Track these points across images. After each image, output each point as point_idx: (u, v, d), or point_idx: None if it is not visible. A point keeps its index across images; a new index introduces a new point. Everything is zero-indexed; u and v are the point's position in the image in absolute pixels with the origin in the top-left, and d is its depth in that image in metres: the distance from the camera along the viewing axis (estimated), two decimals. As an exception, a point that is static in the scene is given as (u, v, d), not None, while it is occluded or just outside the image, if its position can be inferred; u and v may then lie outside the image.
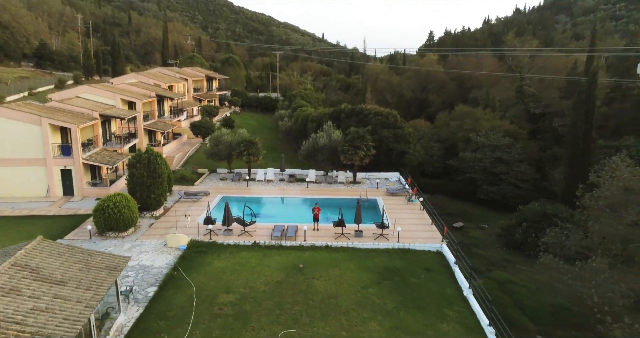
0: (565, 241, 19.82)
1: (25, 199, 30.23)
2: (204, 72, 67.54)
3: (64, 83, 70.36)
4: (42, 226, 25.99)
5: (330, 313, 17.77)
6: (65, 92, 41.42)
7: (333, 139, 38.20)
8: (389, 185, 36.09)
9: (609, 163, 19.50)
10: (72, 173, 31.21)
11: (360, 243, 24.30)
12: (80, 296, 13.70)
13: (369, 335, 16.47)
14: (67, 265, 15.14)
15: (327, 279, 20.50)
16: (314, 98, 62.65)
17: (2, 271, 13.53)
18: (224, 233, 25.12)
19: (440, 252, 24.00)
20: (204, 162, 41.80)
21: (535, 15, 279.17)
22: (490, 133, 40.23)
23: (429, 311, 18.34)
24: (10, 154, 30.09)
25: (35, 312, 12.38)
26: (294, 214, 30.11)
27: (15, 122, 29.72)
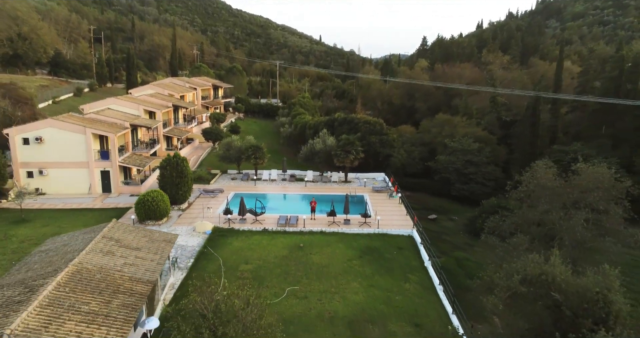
0: (502, 225, 26.20)
1: (71, 196, 36.48)
2: (210, 82, 73.88)
3: (81, 91, 76.56)
4: (93, 216, 32.28)
5: (324, 277, 24.10)
6: (95, 104, 47.53)
7: (328, 144, 44.59)
8: (375, 184, 42.50)
9: (534, 166, 25.91)
10: (109, 173, 37.49)
11: (348, 229, 30.67)
12: (152, 257, 20.02)
13: (351, 291, 22.82)
14: (138, 238, 21.46)
15: (321, 254, 26.85)
16: (311, 106, 69.09)
17: (98, 241, 19.84)
18: (239, 221, 31.46)
19: (411, 236, 30.38)
20: (216, 164, 48.10)
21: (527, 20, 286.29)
22: (462, 139, 46.60)
23: (397, 275, 24.72)
24: (61, 158, 36.33)
25: (127, 265, 18.70)
26: (295, 207, 36.41)
27: (64, 132, 36.00)
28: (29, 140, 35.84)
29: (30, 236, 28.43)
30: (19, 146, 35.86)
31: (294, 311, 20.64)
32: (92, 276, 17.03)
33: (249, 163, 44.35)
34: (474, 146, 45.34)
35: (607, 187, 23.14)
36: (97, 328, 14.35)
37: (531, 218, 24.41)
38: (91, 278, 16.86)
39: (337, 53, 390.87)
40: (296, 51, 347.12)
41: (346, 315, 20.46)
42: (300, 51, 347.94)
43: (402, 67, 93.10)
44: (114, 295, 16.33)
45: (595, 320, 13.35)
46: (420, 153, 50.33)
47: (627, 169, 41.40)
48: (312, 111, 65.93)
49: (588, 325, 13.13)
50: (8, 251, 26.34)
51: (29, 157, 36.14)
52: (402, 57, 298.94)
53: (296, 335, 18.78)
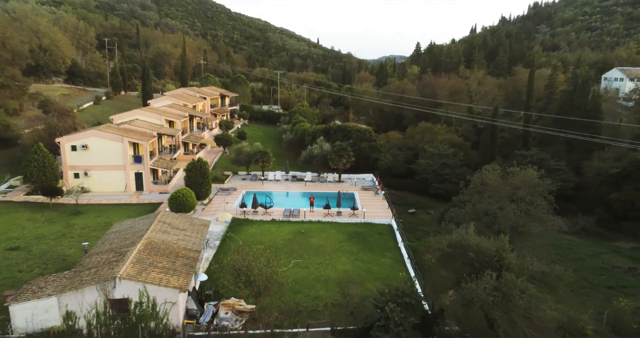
0: (459, 215, 33.73)
1: (111, 194, 43.88)
2: (218, 91, 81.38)
3: (100, 99, 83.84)
4: (132, 210, 39.74)
5: (320, 254, 31.63)
6: (123, 115, 54.90)
7: (324, 149, 52.18)
8: (364, 183, 50.09)
9: (483, 169, 33.47)
10: (142, 175, 44.94)
11: (340, 219, 38.24)
12: (195, 235, 27.57)
13: (340, 263, 30.33)
14: (183, 222, 29.00)
15: (318, 238, 34.39)
16: (310, 113, 76.68)
17: (156, 224, 27.32)
18: (252, 213, 38.99)
19: (390, 224, 37.96)
20: (227, 166, 55.56)
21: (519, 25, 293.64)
22: (440, 144, 54.09)
23: (376, 253, 32.29)
24: (102, 162, 43.75)
25: (179, 240, 26.23)
26: (296, 202, 43.92)
27: (105, 140, 43.44)
28: (76, 147, 43.25)
29: (88, 225, 35.91)
30: (68, 152, 43.27)
31: (298, 275, 28.13)
32: (159, 246, 24.58)
33: (256, 166, 51.83)
34: (449, 151, 52.84)
35: (532, 185, 30.76)
36: (171, 276, 21.93)
37: (480, 209, 31.99)
38: (158, 248, 24.41)
39: (335, 56, 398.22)
40: (294, 54, 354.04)
41: (336, 278, 27.97)
42: (299, 54, 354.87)
43: (392, 78, 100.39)
44: (176, 258, 23.90)
45: (493, 269, 20.90)
46: (405, 156, 57.91)
47: (577, 170, 49.17)
48: (310, 119, 73.50)
49: (489, 272, 20.67)
50: (75, 235, 33.82)
51: (76, 161, 43.56)
52: (400, 59, 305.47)
53: (301, 290, 26.33)
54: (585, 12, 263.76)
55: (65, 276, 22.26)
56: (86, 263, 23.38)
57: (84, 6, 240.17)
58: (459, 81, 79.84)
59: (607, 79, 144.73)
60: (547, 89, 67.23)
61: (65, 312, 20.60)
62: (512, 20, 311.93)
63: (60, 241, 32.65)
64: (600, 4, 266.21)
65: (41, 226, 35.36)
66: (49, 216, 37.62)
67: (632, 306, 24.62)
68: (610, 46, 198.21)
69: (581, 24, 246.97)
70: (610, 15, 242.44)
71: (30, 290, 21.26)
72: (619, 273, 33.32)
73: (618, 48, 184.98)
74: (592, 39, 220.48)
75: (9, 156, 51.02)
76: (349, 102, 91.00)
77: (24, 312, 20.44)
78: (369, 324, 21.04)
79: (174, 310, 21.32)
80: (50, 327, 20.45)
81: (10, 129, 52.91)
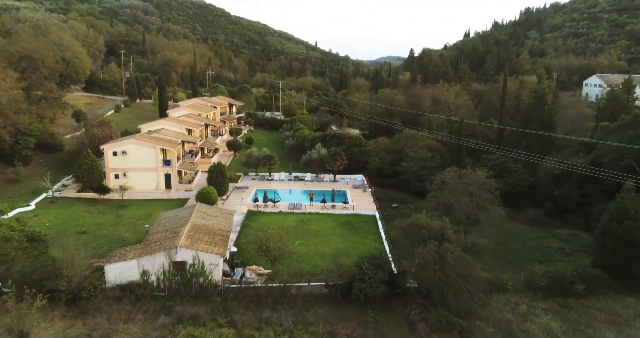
0: (427, 206, 43.00)
1: (145, 191, 53.10)
2: (226, 101, 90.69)
3: (119, 108, 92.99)
4: (166, 204, 48.97)
5: (318, 236, 40.94)
6: (149, 124, 64.08)
7: (321, 154, 61.52)
8: (355, 182, 59.45)
9: (446, 170, 42.82)
10: (170, 176, 54.22)
11: (334, 211, 47.56)
12: (224, 221, 36.89)
13: (333, 243, 39.63)
14: (214, 211, 38.31)
15: (317, 225, 43.71)
16: (309, 120, 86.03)
17: (195, 212, 36.60)
18: (263, 206, 48.30)
19: (374, 215, 47.30)
20: (238, 168, 64.83)
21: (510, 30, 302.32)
22: (420, 149, 63.34)
23: (361, 235, 41.65)
24: (138, 165, 52.99)
25: (214, 224, 35.55)
26: (298, 198, 53.21)
27: (141, 147, 52.70)
28: (117, 153, 52.54)
29: (133, 215, 45.20)
30: (110, 157, 52.53)
31: (301, 252, 37.38)
32: (201, 227, 33.92)
33: (264, 168, 61.14)
34: (427, 155, 62.03)
35: (480, 183, 40.17)
36: (213, 247, 31.27)
37: (442, 201, 41.38)
38: (200, 228, 33.73)
39: (332, 60, 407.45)
40: (293, 57, 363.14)
41: (330, 253, 37.24)
42: (297, 57, 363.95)
43: (382, 89, 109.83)
44: (214, 235, 33.23)
45: (437, 240, 30.22)
46: (391, 159, 67.17)
47: (534, 171, 58.52)
48: (309, 125, 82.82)
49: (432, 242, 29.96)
50: (125, 223, 43.09)
51: (117, 164, 52.82)
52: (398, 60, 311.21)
53: (304, 261, 35.66)
54: (574, 19, 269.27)
55: (139, 247, 31.60)
56: (150, 238, 32.69)
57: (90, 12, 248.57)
58: (442, 91, 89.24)
59: (587, 85, 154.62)
60: (515, 100, 76.58)
61: (142, 270, 29.89)
62: (505, 25, 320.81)
63: (115, 227, 41.95)
64: (588, 10, 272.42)
65: (97, 217, 44.64)
66: (101, 209, 46.89)
67: (542, 270, 34.06)
68: (594, 52, 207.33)
69: (569, 30, 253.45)
70: (597, 21, 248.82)
71: (117, 255, 30.59)
72: (550, 251, 42.72)
73: (600, 55, 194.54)
74: (578, 45, 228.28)
75: (55, 160, 60.23)
76: (344, 109, 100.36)
77: (114, 270, 29.73)
78: (351, 279, 30.38)
79: (216, 270, 30.63)
80: (131, 280, 29.72)
81: (54, 136, 62.08)
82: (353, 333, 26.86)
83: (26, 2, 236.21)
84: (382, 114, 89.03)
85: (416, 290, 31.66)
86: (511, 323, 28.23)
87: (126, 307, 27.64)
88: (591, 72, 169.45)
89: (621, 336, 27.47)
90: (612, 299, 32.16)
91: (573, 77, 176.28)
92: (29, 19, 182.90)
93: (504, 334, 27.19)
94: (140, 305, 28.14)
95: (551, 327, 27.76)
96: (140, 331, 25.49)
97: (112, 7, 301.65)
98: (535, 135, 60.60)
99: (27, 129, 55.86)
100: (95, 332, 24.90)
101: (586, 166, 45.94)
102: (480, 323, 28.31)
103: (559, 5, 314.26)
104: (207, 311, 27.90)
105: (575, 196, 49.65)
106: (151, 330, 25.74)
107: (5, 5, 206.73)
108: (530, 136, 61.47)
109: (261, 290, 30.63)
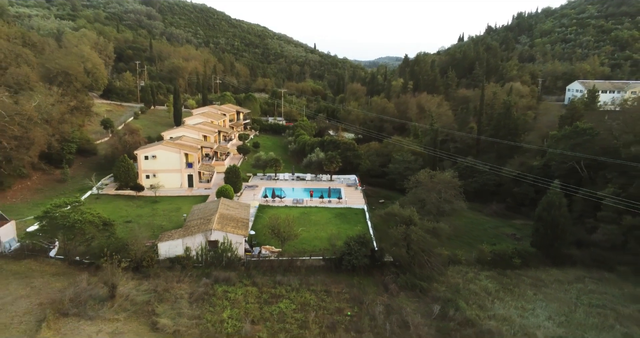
0: (404, 200, 53.05)
1: (172, 189, 63.04)
2: (234, 108, 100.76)
3: (137, 115, 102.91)
4: (191, 200, 58.96)
5: (317, 225, 51.04)
6: (170, 131, 74.04)
7: (320, 157, 71.61)
8: (348, 181, 69.57)
9: (420, 172, 52.89)
10: (192, 176, 64.25)
11: (330, 205, 57.66)
12: (244, 211, 47.00)
13: (329, 229, 49.68)
14: (235, 204, 48.41)
15: (316, 216, 53.81)
16: (309, 126, 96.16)
17: (221, 204, 46.68)
18: (272, 201, 58.39)
19: (363, 208, 57.39)
20: (247, 169, 74.82)
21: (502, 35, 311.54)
22: (405, 153, 73.41)
23: (352, 224, 51.74)
24: (165, 167, 62.96)
25: (236, 214, 45.65)
26: (300, 194, 63.29)
27: (168, 152, 62.74)
28: (148, 157, 62.55)
29: (166, 209, 55.22)
30: (142, 160, 62.52)
31: (304, 236, 47.30)
32: (226, 216, 44.02)
33: (270, 169, 71.16)
34: (411, 158, 72.19)
35: (447, 182, 50.29)
36: (238, 229, 41.41)
37: (416, 197, 51.51)
38: (226, 217, 43.83)
39: (331, 62, 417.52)
40: (292, 60, 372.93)
41: (326, 237, 47.18)
42: (296, 60, 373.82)
43: (375, 98, 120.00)
44: (237, 222, 43.37)
45: (406, 224, 40.30)
46: (380, 161, 77.37)
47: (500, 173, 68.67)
48: (309, 131, 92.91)
49: (401, 225, 40.00)
50: (160, 214, 53.11)
51: (148, 166, 62.82)
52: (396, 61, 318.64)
53: (306, 243, 45.72)
54: (563, 24, 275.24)
55: (181, 230, 41.69)
56: (189, 224, 42.77)
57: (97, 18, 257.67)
58: (427, 100, 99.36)
59: (570, 90, 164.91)
60: (489, 110, 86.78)
61: (185, 247, 39.94)
62: (498, 29, 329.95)
63: (153, 218, 51.98)
64: (577, 15, 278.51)
65: (136, 209, 54.70)
66: (138, 203, 56.95)
67: (489, 249, 44.26)
68: (580, 58, 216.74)
69: (557, 35, 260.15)
70: (584, 27, 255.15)
71: (166, 236, 40.69)
72: (504, 237, 52.90)
73: (587, 60, 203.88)
74: (565, 51, 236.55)
75: (91, 162, 70.26)
76: (340, 115, 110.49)
77: (164, 247, 39.78)
78: (341, 254, 40.44)
79: (240, 247, 40.69)
80: (178, 254, 39.75)
81: (89, 142, 72.10)
82: (342, 291, 36.97)
83: (36, 9, 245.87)
84: (375, 120, 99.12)
85: (391, 263, 41.77)
86: (459, 285, 38.38)
87: (176, 273, 37.74)
88: (575, 77, 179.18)
89: (538, 293, 37.66)
90: (540, 270, 42.42)
91: (558, 83, 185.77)
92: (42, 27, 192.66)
93: (452, 291, 37.30)
94: (186, 272, 38.22)
95: (488, 287, 37.96)
96: (188, 288, 35.58)
97: (116, 12, 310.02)
98: (505, 140, 70.82)
99: (70, 137, 65.88)
100: (157, 288, 34.97)
101: (519, 172, 56.81)
102: (436, 285, 38.45)
103: (550, 10, 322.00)
104: (236, 276, 37.97)
105: (531, 192, 59.86)
106: (196, 287, 35.80)
107: (18, 13, 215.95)
108: (498, 142, 71.67)
109: (274, 262, 40.71)
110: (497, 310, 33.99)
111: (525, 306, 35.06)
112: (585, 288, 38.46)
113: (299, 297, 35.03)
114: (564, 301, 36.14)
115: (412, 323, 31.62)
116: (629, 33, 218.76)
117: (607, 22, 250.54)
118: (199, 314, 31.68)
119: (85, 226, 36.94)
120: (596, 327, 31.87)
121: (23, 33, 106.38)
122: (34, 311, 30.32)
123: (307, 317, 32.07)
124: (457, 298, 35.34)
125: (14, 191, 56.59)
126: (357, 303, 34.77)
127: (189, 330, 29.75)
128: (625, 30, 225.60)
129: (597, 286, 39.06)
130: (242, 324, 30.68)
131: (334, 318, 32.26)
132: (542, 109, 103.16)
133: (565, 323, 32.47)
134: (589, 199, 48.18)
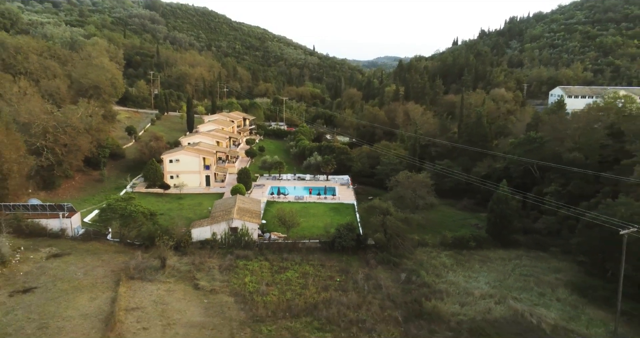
0: (387, 197, 64.40)
1: (192, 188, 74.39)
2: (241, 115, 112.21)
3: (154, 121, 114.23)
4: (209, 196, 70.42)
5: (315, 216, 62.52)
6: (188, 138, 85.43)
7: (317, 160, 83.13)
8: (342, 181, 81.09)
9: (400, 173, 64.35)
10: (209, 177, 75.72)
11: (326, 201, 69.16)
12: (256, 205, 58.52)
13: (324, 220, 61.17)
14: (248, 200, 59.93)
15: (314, 210, 65.30)
16: (308, 132, 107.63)
17: (237, 200, 58.15)
18: (277, 198, 69.86)
19: (354, 204, 68.88)
20: (254, 170, 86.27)
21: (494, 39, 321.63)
22: (390, 156, 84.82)
23: (343, 216, 63.23)
24: (186, 169, 74.36)
25: (250, 207, 57.11)
26: (301, 192, 74.70)
27: (189, 156, 74.18)
28: (172, 160, 73.98)
29: (190, 204, 66.70)
30: (167, 163, 73.96)
31: (304, 225, 58.62)
32: (243, 208, 55.57)
33: (275, 170, 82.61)
34: (396, 161, 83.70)
35: (420, 181, 61.79)
36: (253, 218, 53.02)
37: (397, 194, 63.02)
38: (243, 209, 55.37)
39: (329, 64, 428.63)
40: (292, 63, 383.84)
41: (322, 225, 58.54)
42: (296, 63, 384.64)
43: (367, 105, 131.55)
44: (252, 213, 54.94)
45: (384, 214, 51.78)
46: (370, 163, 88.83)
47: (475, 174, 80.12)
48: (308, 136, 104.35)
49: (380, 215, 51.45)
50: (186, 208, 64.60)
51: (172, 168, 74.24)
52: (394, 60, 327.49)
53: (305, 230, 57.19)
54: (552, 29, 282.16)
55: (208, 219, 53.17)
56: (214, 215, 54.24)
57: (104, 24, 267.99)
58: (413, 109, 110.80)
59: (552, 95, 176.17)
60: (466, 119, 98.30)
61: (212, 232, 51.40)
62: (490, 33, 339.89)
63: (180, 211, 63.43)
64: (566, 21, 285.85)
65: (165, 204, 66.16)
66: (166, 199, 68.42)
67: (451, 234, 55.82)
68: (565, 63, 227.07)
69: (546, 40, 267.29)
70: (572, 33, 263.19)
71: (197, 224, 52.19)
72: (469, 226, 64.44)
73: (571, 66, 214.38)
74: (552, 56, 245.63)
75: (121, 165, 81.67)
76: (337, 121, 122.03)
77: (196, 232, 51.26)
78: (333, 238, 51.87)
79: (254, 233, 52.17)
80: (206, 238, 51.19)
81: (119, 147, 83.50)
82: (333, 265, 48.47)
83: (45, 15, 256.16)
84: (368, 126, 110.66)
85: (373, 246, 53.22)
86: (423, 261, 49.88)
87: (206, 251, 49.24)
88: (559, 82, 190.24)
89: (483, 266, 49.20)
90: (490, 250, 53.94)
91: (542, 88, 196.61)
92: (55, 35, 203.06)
93: (417, 265, 48.77)
94: (214, 251, 49.68)
95: (445, 262, 49.49)
96: (217, 262, 47.08)
97: (121, 16, 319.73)
98: (477, 146, 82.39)
99: (104, 143, 77.28)
100: (194, 261, 46.46)
101: (473, 177, 68.59)
102: (406, 261, 49.93)
103: (541, 15, 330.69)
104: (252, 254, 49.44)
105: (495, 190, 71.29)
106: (223, 261, 47.27)
107: (30, 20, 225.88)
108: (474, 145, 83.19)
109: (281, 244, 52.21)
110: (449, 277, 45.51)
111: (472, 275, 46.56)
112: (521, 263, 49.93)
113: (301, 269, 46.52)
114: (502, 272, 47.66)
115: (384, 286, 43.16)
116: (613, 39, 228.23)
117: (593, 28, 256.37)
118: (227, 279, 43.18)
119: (138, 215, 48.39)
120: (519, 288, 43.40)
121: (49, 47, 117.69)
122: (109, 275, 41.85)
123: (307, 282, 43.53)
124: (419, 269, 46.88)
125: (63, 190, 67.98)
126: (345, 273, 46.25)
127: (221, 288, 41.27)
128: (610, 36, 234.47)
129: (531, 261, 50.55)
130: (259, 286, 42.17)
131: (326, 283, 43.75)
132: (520, 115, 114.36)
133: (498, 286, 43.95)
134: (538, 196, 59.71)
